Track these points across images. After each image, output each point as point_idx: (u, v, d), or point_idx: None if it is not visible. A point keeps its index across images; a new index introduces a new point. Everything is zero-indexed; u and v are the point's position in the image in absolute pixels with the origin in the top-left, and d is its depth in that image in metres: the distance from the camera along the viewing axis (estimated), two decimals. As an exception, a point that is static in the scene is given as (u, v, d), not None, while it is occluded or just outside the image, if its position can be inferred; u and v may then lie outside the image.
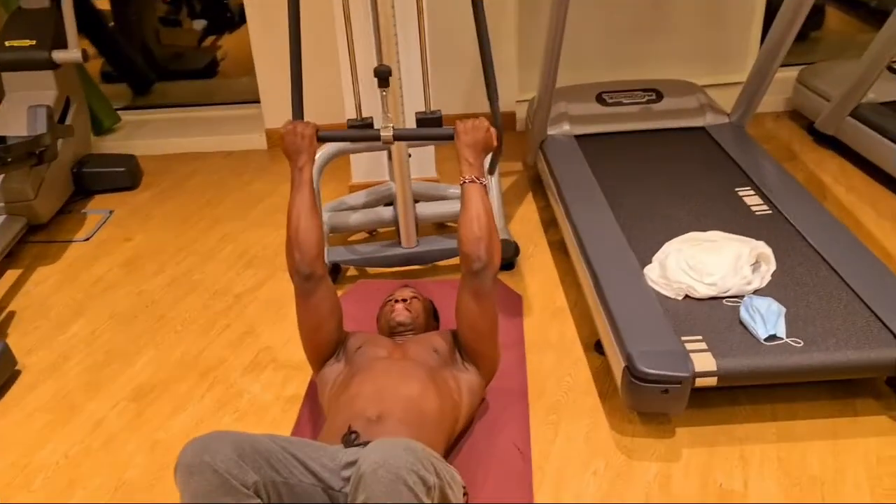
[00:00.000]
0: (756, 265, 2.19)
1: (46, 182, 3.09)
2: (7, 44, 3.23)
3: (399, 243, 2.63)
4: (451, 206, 2.80)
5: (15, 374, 2.28)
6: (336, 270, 2.63)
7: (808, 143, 3.53)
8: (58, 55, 3.23)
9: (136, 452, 1.97)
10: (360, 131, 2.02)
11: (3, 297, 2.68)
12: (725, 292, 2.10)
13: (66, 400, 2.17)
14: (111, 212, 3.27)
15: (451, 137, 1.89)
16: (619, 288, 2.14)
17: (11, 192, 2.95)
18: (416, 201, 3.00)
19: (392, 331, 2.07)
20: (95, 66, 4.83)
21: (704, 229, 2.40)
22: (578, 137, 3.14)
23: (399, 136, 1.99)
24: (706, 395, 2.00)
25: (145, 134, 3.95)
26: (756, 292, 2.10)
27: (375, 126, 2.14)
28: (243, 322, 2.47)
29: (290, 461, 1.45)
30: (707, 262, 2.16)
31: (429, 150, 3.19)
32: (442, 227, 2.99)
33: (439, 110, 2.64)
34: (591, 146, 3.07)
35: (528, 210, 3.08)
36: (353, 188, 3.23)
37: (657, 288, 2.15)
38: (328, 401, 1.87)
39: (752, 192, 2.65)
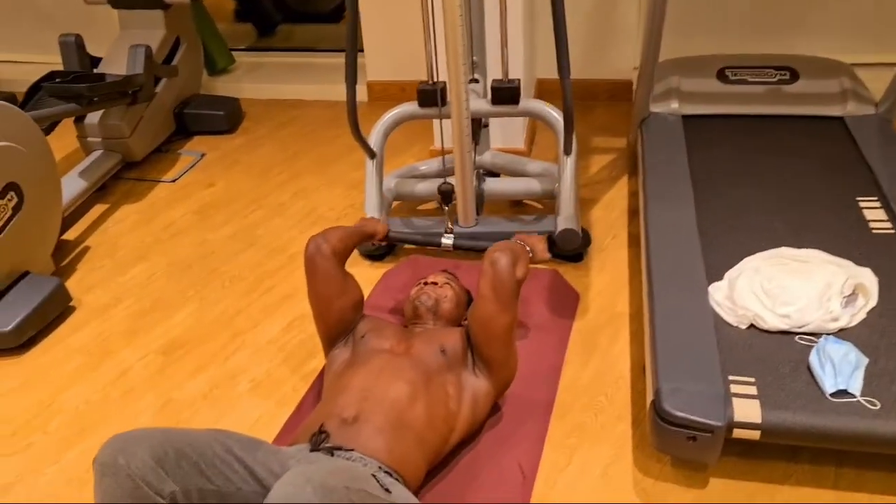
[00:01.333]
0: (851, 297, 1.83)
1: (144, 120, 3.17)
2: (122, -18, 3.31)
3: (457, 221, 2.46)
4: (527, 184, 2.58)
5: (68, 311, 2.36)
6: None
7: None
8: (167, -5, 3.27)
9: (147, 409, 1.97)
10: (425, 237, 2.12)
11: (84, 232, 2.79)
12: (801, 327, 1.76)
13: (104, 344, 2.22)
14: (203, 155, 3.32)
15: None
16: (673, 304, 1.86)
17: (108, 129, 3.05)
18: (494, 174, 2.81)
19: (414, 315, 1.93)
20: (230, 4, 4.92)
21: (800, 245, 2.03)
22: (686, 118, 2.77)
23: (459, 246, 2.10)
24: (756, 443, 1.70)
25: (256, 77, 3.97)
26: (841, 332, 1.75)
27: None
28: (289, 284, 2.42)
29: (232, 465, 1.35)
30: (787, 288, 1.82)
31: (517, 119, 2.96)
32: (518, 204, 2.77)
33: (517, 79, 2.42)
34: (699, 130, 2.70)
35: (618, 195, 2.79)
36: (433, 154, 3.07)
37: (719, 311, 1.84)
38: (324, 389, 1.77)
39: (877, 205, 2.22)
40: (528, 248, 1.90)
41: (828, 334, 1.73)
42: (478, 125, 2.60)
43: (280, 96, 3.86)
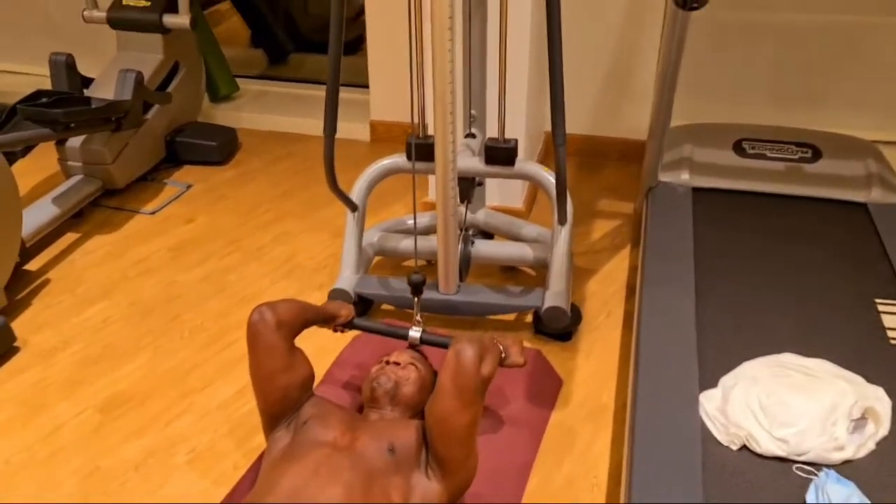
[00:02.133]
0: (860, 422, 1.61)
1: (130, 147, 3.03)
2: (124, 2, 3.20)
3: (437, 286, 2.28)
4: (519, 250, 2.39)
5: (11, 352, 2.20)
6: (365, 303, 2.32)
7: None
8: (168, 19, 3.15)
9: (71, 476, 1.79)
10: (388, 330, 1.98)
11: (49, 262, 2.64)
12: (800, 455, 1.55)
13: (41, 394, 2.05)
14: (189, 186, 3.17)
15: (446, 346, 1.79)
16: (659, 410, 1.66)
17: (89, 154, 2.92)
18: (488, 235, 2.63)
19: (371, 397, 1.74)
20: (246, 30, 4.83)
21: (807, 351, 1.83)
22: (697, 191, 2.58)
23: (426, 341, 1.92)
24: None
25: (259, 107, 3.84)
26: (846, 465, 1.54)
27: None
28: (252, 341, 2.24)
29: None
30: (787, 405, 1.61)
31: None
32: (510, 269, 2.59)
33: (514, 140, 2.25)
34: (709, 204, 2.51)
35: (618, 267, 2.59)
36: (427, 207, 2.90)
37: (710, 425, 1.63)
38: (258, 478, 1.58)
39: (897, 309, 2.01)
40: (500, 348, 1.72)
41: (830, 467, 1.52)
42: (470, 183, 2.42)
43: (281, 129, 3.72)
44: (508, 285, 2.33)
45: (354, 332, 2.15)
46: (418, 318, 1.94)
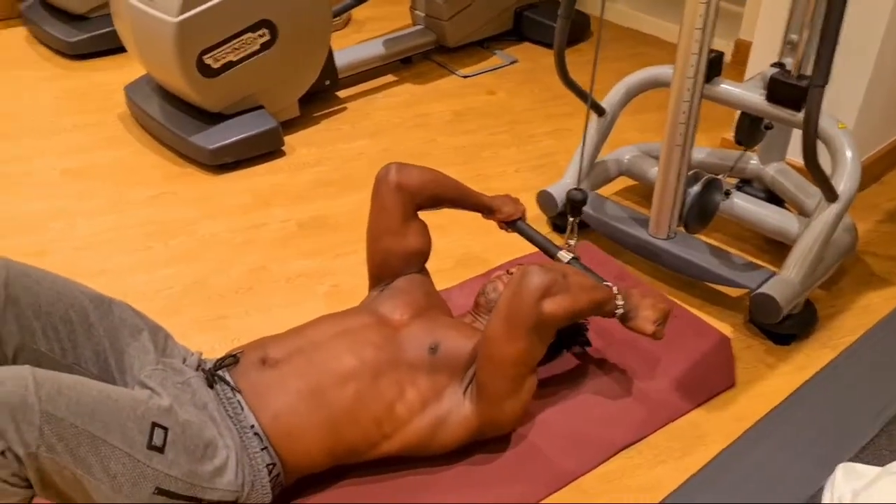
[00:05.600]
0: None
1: (471, 10, 3.06)
2: None
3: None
4: (782, 220, 1.89)
5: (277, 154, 2.47)
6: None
7: None
8: None
9: (245, 265, 2.02)
10: (543, 242, 1.73)
11: (357, 94, 2.85)
12: None
13: (272, 195, 2.30)
14: (513, 62, 3.13)
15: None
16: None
17: (431, 6, 3.03)
18: (776, 198, 2.10)
19: (475, 303, 1.61)
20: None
21: None
22: None
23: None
24: None
25: (636, 2, 3.55)
26: None
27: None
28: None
29: (96, 340, 1.26)
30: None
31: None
32: (772, 243, 2.07)
33: (813, 78, 1.71)
34: None
35: (927, 290, 1.89)
36: (725, 144, 2.43)
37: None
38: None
39: None
40: (619, 300, 1.42)
41: None
42: (755, 123, 1.95)
43: (642, 28, 3.42)
44: (740, 254, 1.88)
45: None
46: (570, 241, 1.68)
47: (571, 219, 1.68)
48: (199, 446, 1.16)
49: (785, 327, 1.73)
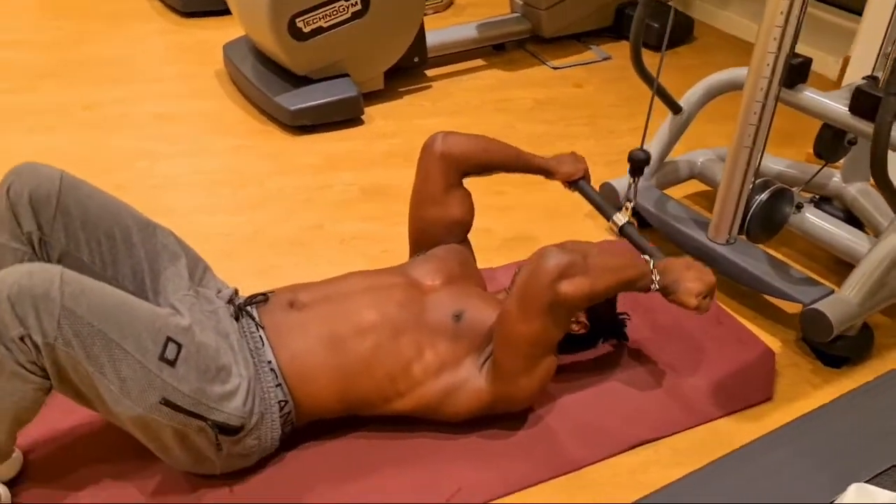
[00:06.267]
0: None
1: (569, 2, 3.04)
2: None
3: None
4: (850, 238, 1.80)
5: (356, 122, 2.54)
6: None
7: None
8: None
9: (302, 222, 2.09)
10: (600, 203, 1.72)
11: (445, 74, 2.89)
12: None
13: (342, 160, 2.36)
14: (607, 58, 3.08)
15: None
16: None
17: (534, -6, 3.04)
18: (854, 220, 1.99)
19: (512, 282, 1.59)
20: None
21: None
22: None
23: (625, 233, 1.66)
24: None
25: (738, 5, 3.41)
26: None
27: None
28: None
29: (136, 259, 1.33)
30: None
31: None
32: (843, 264, 1.95)
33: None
34: None
35: None
36: (810, 159, 2.30)
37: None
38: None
39: None
40: (655, 275, 1.39)
41: None
42: (836, 135, 1.85)
43: (746, 36, 3.29)
44: (802, 270, 1.79)
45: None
46: (627, 203, 1.64)
47: (631, 179, 1.64)
48: (211, 368, 1.22)
49: (836, 348, 1.64)
